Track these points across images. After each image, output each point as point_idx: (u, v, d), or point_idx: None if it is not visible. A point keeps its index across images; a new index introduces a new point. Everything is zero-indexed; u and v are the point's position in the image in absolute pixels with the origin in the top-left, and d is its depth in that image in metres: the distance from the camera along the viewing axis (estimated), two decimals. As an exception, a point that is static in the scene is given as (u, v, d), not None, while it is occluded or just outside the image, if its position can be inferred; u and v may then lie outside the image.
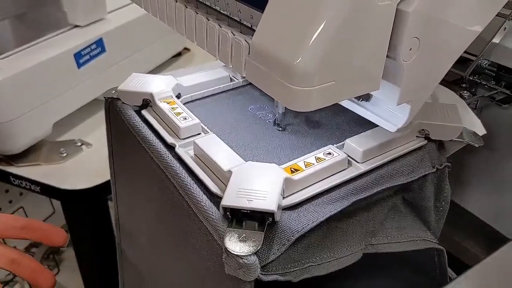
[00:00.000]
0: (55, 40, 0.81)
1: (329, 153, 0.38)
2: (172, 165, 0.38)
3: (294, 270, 0.33)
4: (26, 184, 0.76)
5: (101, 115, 0.90)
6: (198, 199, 0.35)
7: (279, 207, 0.33)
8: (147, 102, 0.46)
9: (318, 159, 0.37)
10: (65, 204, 0.78)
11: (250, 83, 0.52)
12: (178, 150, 0.40)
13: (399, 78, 0.36)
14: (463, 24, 0.38)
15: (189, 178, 0.37)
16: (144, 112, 0.46)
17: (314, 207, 0.34)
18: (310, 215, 0.34)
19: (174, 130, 0.42)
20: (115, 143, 0.52)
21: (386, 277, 0.46)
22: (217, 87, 0.50)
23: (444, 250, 0.44)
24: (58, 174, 0.75)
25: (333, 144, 0.40)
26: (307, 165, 0.36)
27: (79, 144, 0.81)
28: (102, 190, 0.74)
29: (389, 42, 0.33)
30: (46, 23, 0.96)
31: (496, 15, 0.42)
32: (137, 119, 0.45)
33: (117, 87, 0.48)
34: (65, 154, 0.78)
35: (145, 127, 0.43)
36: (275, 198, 0.32)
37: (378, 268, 0.46)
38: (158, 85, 0.47)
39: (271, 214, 0.31)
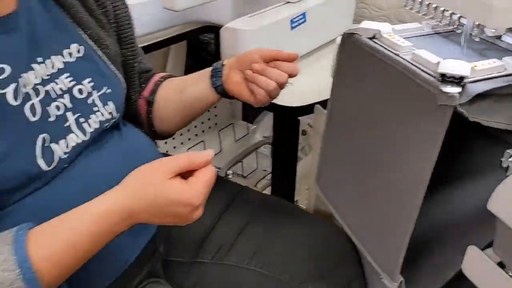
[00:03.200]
0: (277, 9, 1.18)
1: (494, 62, 0.67)
2: (401, 61, 0.70)
3: (471, 116, 0.63)
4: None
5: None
6: (422, 74, 0.66)
7: (467, 77, 0.63)
8: (374, 35, 0.78)
9: (488, 63, 0.66)
10: (275, 116, 1.16)
11: (436, 33, 0.82)
12: (403, 55, 0.71)
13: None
14: None
15: (413, 66, 0.68)
16: (374, 40, 0.78)
17: (486, 83, 0.64)
18: (483, 86, 0.63)
19: (395, 48, 0.74)
20: (343, 65, 0.85)
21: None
22: (414, 33, 0.81)
23: None
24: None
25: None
26: (483, 65, 0.66)
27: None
28: (299, 111, 1.10)
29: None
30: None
31: None
32: (371, 42, 0.77)
33: (354, 28, 0.81)
34: (276, 87, 1.14)
35: (379, 45, 0.76)
36: (467, 71, 0.62)
37: None
38: (381, 26, 0.79)
39: (464, 77, 0.62)
